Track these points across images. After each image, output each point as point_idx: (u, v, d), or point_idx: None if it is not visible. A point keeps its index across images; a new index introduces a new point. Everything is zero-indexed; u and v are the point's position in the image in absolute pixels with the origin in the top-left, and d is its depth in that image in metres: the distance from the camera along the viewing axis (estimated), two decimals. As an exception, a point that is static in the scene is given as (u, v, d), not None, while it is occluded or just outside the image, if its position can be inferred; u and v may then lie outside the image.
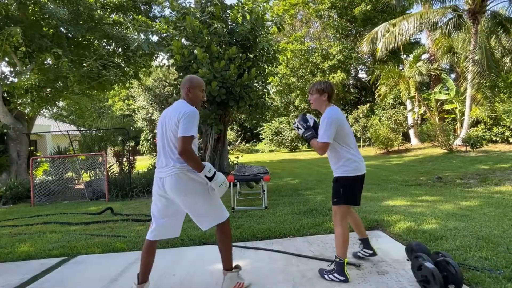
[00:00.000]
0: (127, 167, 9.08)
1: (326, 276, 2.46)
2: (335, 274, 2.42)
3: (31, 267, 3.11)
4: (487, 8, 12.64)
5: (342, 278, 2.40)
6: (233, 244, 3.38)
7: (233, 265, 2.43)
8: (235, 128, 29.01)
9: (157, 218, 2.33)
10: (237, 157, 11.96)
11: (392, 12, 19.63)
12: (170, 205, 2.31)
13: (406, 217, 3.90)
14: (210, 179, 2.20)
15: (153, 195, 2.35)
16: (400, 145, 16.02)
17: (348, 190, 2.48)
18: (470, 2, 12.44)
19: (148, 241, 2.34)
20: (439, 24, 13.58)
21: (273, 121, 24.24)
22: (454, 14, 13.18)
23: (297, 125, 2.67)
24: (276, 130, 23.67)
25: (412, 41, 21.11)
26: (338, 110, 2.54)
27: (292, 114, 24.80)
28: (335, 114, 2.46)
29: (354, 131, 19.93)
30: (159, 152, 2.31)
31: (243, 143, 28.51)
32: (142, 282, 2.30)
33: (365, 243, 2.75)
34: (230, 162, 10.23)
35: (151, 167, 9.79)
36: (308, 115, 2.70)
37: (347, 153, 2.50)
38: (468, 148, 11.75)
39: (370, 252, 2.75)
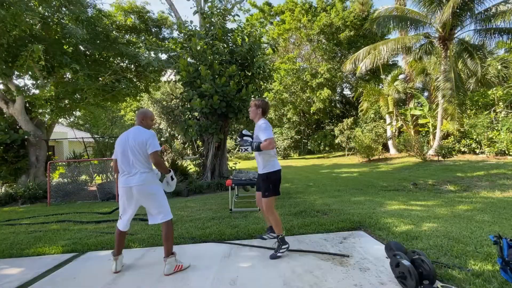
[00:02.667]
0: (136, 171, 8.98)
1: (278, 254, 2.81)
2: (282, 247, 2.83)
3: (44, 262, 3.03)
4: (455, 36, 12.95)
5: (286, 245, 2.85)
6: (231, 242, 3.34)
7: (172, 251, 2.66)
8: (234, 137, 29.01)
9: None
10: (235, 164, 11.91)
11: (373, 37, 20.03)
12: None
13: (385, 218, 3.89)
14: None
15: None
16: (380, 155, 16.11)
17: (277, 183, 2.88)
18: (440, 30, 12.74)
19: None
20: (414, 49, 13.86)
21: (267, 132, 24.25)
22: (426, 41, 13.48)
23: (244, 149, 2.86)
24: (271, 139, 23.69)
25: (391, 63, 21.48)
26: (267, 121, 2.90)
27: (285, 126, 24.89)
28: (267, 121, 2.87)
29: (340, 141, 20.05)
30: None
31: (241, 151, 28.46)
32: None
33: (271, 229, 3.13)
34: (229, 168, 10.19)
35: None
36: (244, 131, 2.94)
37: (272, 154, 2.88)
38: (440, 158, 11.86)
39: (275, 235, 3.04)
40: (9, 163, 8.74)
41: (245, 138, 2.88)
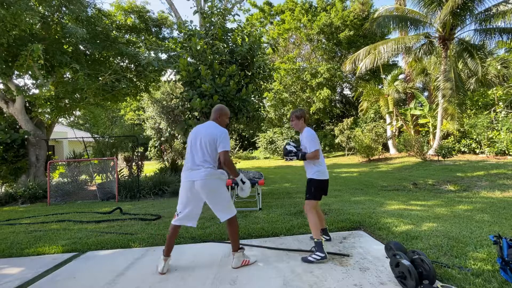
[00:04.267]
0: (135, 171, 9.00)
1: (310, 258, 2.69)
2: (317, 253, 2.69)
3: (44, 262, 3.03)
4: (455, 36, 12.95)
5: (322, 255, 2.67)
6: (230, 242, 3.34)
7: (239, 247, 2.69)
8: (234, 137, 29.01)
9: None
10: (235, 164, 11.91)
11: (373, 37, 20.03)
12: None
13: (385, 218, 3.89)
14: None
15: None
16: (380, 155, 16.11)
17: (318, 189, 2.95)
18: (440, 30, 12.73)
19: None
20: (414, 49, 13.86)
21: (267, 131, 24.29)
22: (426, 41, 13.48)
23: (289, 158, 3.05)
24: (271, 139, 23.71)
25: (391, 63, 21.47)
26: (313, 130, 3.01)
27: (285, 126, 24.92)
28: (312, 131, 2.97)
29: (340, 141, 20.06)
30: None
31: (241, 150, 28.44)
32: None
33: (324, 231, 3.20)
34: (229, 168, 10.16)
35: (157, 171, 9.71)
36: (288, 145, 3.08)
37: (320, 162, 2.96)
38: (440, 158, 11.86)
39: (328, 237, 3.21)
40: (9, 162, 8.73)
41: (289, 148, 3.04)
